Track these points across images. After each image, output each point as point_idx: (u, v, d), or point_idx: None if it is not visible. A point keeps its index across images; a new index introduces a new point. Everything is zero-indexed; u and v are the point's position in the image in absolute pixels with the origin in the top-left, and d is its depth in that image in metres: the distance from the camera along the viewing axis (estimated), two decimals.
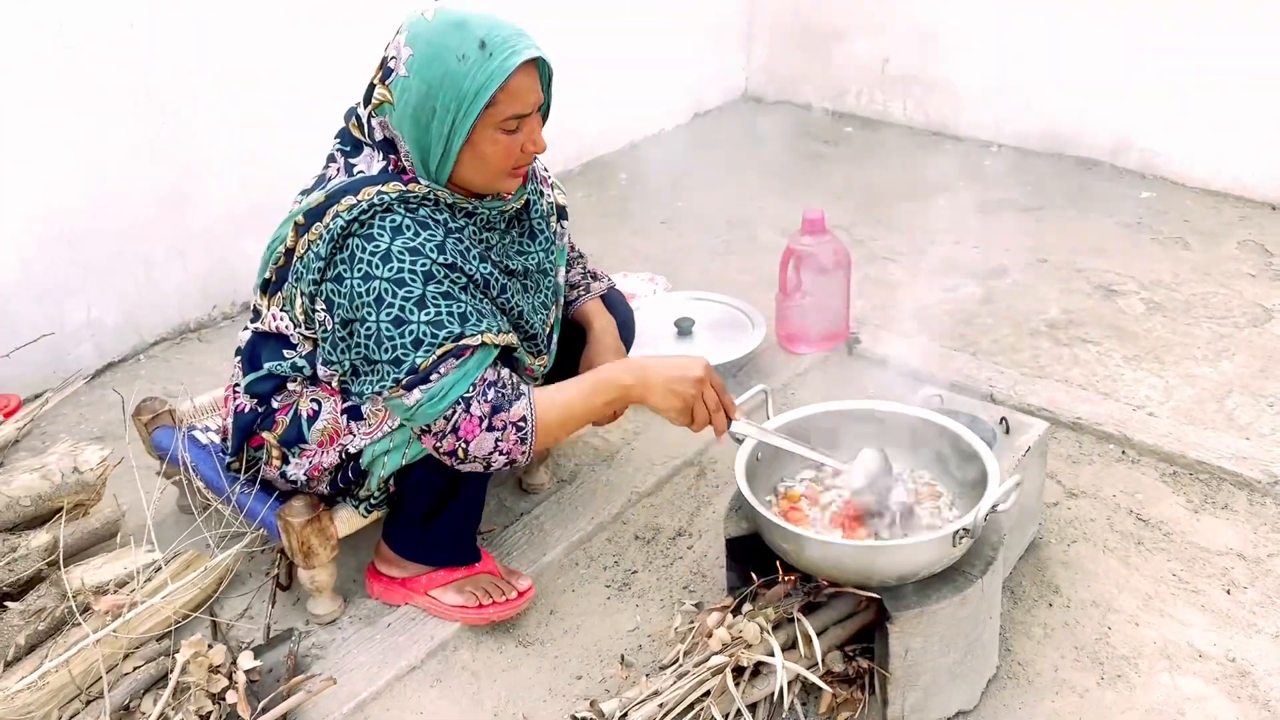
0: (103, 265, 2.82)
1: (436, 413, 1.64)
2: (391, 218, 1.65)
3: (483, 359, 1.66)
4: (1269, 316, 2.90)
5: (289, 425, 1.83)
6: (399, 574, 1.99)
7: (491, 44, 1.61)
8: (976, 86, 4.10)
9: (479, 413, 1.65)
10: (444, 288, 1.64)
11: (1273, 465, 2.28)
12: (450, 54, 1.61)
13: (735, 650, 1.66)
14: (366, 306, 1.63)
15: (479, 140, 1.66)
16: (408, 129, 1.67)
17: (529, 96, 1.66)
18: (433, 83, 1.62)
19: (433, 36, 1.62)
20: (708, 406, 1.71)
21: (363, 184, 1.69)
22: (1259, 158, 3.51)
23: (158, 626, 1.90)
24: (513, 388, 1.69)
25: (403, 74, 1.65)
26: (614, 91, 4.21)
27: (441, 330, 1.62)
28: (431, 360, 1.62)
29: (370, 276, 1.62)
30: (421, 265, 1.63)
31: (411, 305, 1.62)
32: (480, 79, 1.60)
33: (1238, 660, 1.87)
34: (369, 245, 1.63)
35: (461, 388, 1.64)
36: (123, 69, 2.72)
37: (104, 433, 2.62)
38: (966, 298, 3.08)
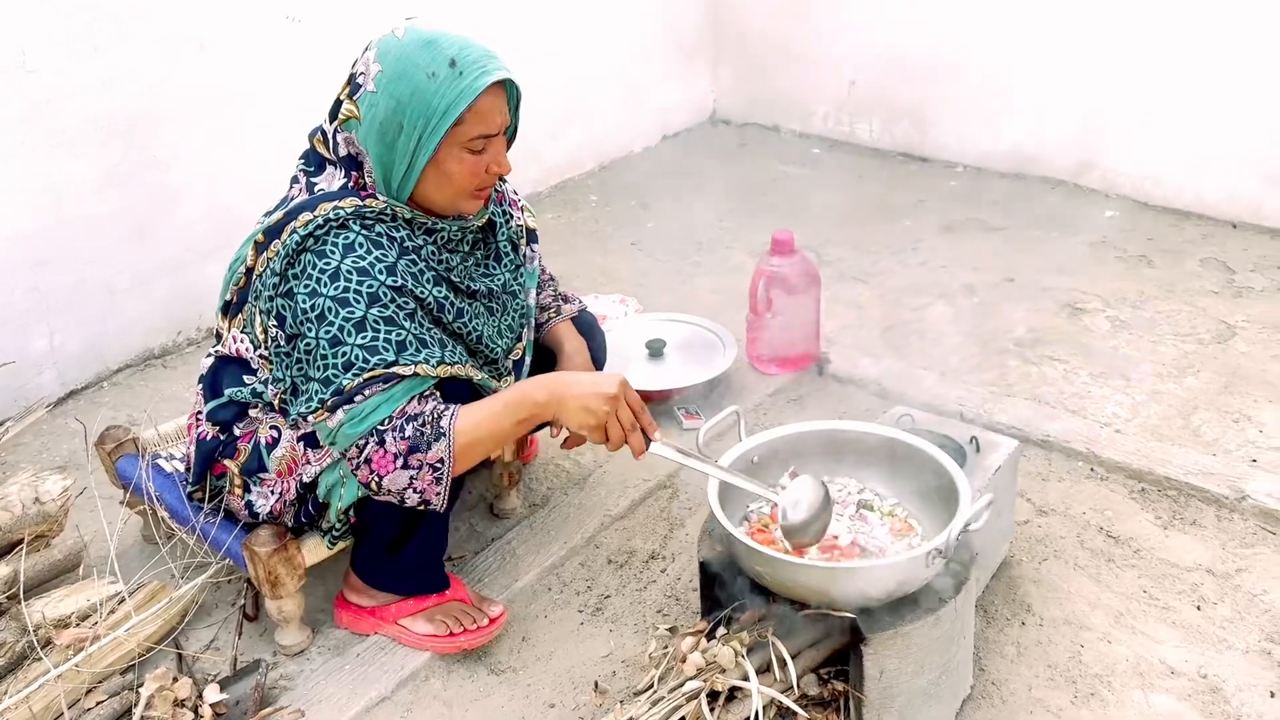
0: (65, 292, 2.78)
1: (354, 435, 1.62)
2: (345, 234, 1.64)
3: (411, 387, 1.64)
4: (1232, 333, 2.94)
5: (250, 453, 1.81)
6: (368, 603, 1.97)
7: (462, 63, 1.61)
8: (941, 108, 4.15)
9: (394, 449, 1.62)
10: (387, 312, 1.63)
11: (1239, 481, 2.30)
12: (420, 71, 1.61)
13: (710, 675, 1.65)
14: (309, 322, 1.62)
15: (444, 158, 1.66)
16: (373, 144, 1.67)
17: (496, 118, 1.67)
18: (401, 99, 1.62)
19: (403, 53, 1.62)
20: (623, 425, 1.65)
21: (320, 200, 1.68)
22: (1220, 176, 3.57)
23: (121, 660, 1.86)
24: (433, 425, 1.64)
25: (371, 89, 1.64)
26: (583, 114, 4.23)
27: (374, 356, 1.61)
28: (357, 384, 1.60)
29: (316, 293, 1.62)
30: (368, 286, 1.62)
31: (350, 327, 1.60)
32: (450, 97, 1.60)
33: (1209, 677, 1.88)
34: (320, 261, 1.63)
35: (384, 412, 1.61)
36: (86, 94, 2.69)
37: (67, 462, 2.57)
38: (935, 317, 3.10)
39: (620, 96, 4.36)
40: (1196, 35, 3.49)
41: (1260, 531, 2.21)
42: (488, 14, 3.66)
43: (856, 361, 2.84)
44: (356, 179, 1.72)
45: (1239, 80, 3.44)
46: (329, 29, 3.17)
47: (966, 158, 4.16)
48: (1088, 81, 3.76)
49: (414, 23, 1.68)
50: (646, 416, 1.70)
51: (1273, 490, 2.27)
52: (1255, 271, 3.27)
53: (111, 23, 2.69)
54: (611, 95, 4.32)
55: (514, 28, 3.77)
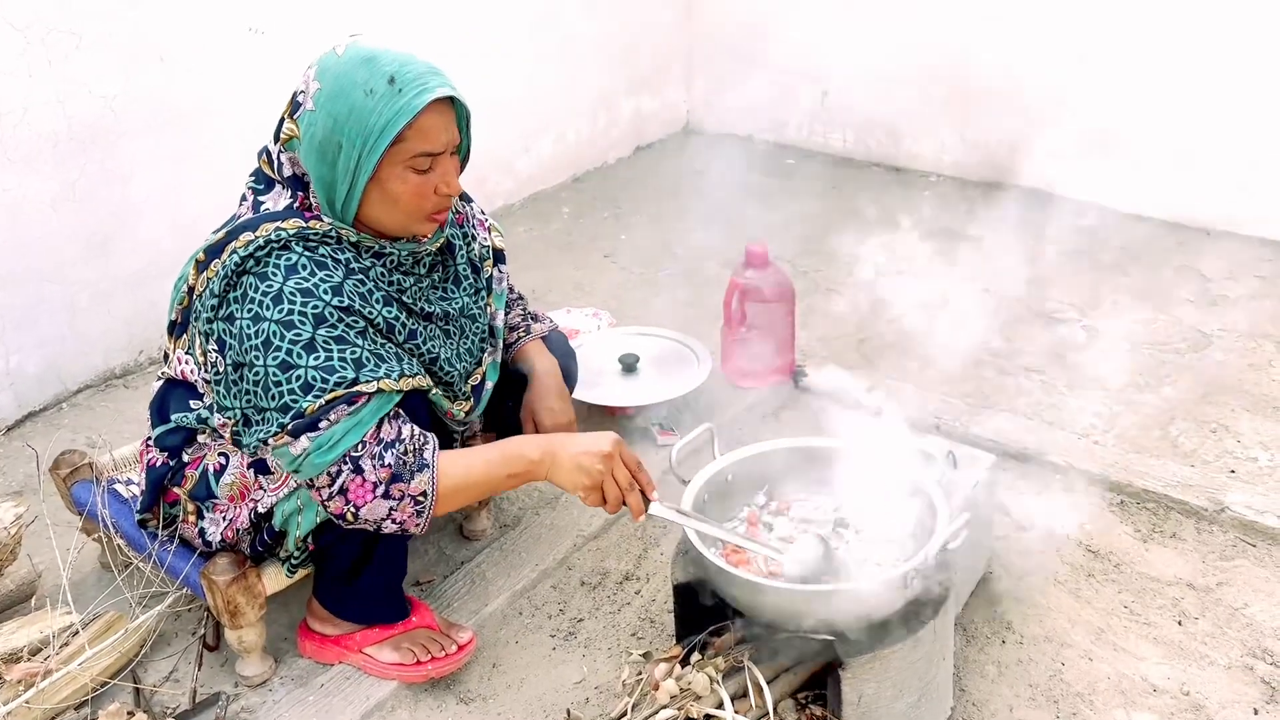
0: (23, 311, 2.71)
1: (324, 463, 1.56)
2: (288, 256, 1.59)
3: (378, 407, 1.58)
4: (1208, 342, 2.93)
5: (198, 480, 1.75)
6: (332, 631, 1.91)
7: (401, 80, 1.56)
8: (914, 118, 4.14)
9: (373, 478, 1.57)
10: (336, 332, 1.57)
11: (1218, 492, 2.28)
12: (358, 88, 1.56)
13: (684, 702, 1.61)
14: (255, 350, 1.56)
15: (386, 178, 1.61)
16: (314, 164, 1.62)
17: (440, 136, 1.61)
18: (339, 117, 1.57)
19: (341, 71, 1.58)
20: (619, 484, 1.62)
21: (262, 220, 1.63)
22: (1193, 185, 3.57)
23: (75, 694, 1.80)
24: (415, 454, 1.60)
25: (310, 108, 1.60)
26: (555, 125, 4.19)
27: (333, 375, 1.55)
28: (320, 404, 1.54)
29: (260, 318, 1.56)
30: (313, 308, 1.56)
31: (300, 349, 1.54)
32: (387, 115, 1.56)
33: (1192, 694, 1.85)
34: (261, 284, 1.57)
35: (354, 438, 1.56)
36: (42, 107, 2.62)
37: (23, 487, 2.50)
38: (910, 329, 3.07)
39: (593, 108, 4.32)
40: (1170, 44, 3.49)
41: (1240, 544, 2.19)
42: (456, 26, 3.62)
43: (832, 374, 2.81)
44: (302, 200, 1.67)
45: (1212, 88, 3.44)
46: (292, 41, 3.11)
47: (940, 167, 4.15)
48: (1060, 89, 3.75)
49: (357, 40, 1.63)
50: (645, 475, 1.67)
51: (1252, 502, 2.25)
52: (1230, 279, 3.26)
53: (68, 35, 2.63)
54: (584, 106, 4.28)
55: (484, 39, 3.73)
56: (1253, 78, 3.37)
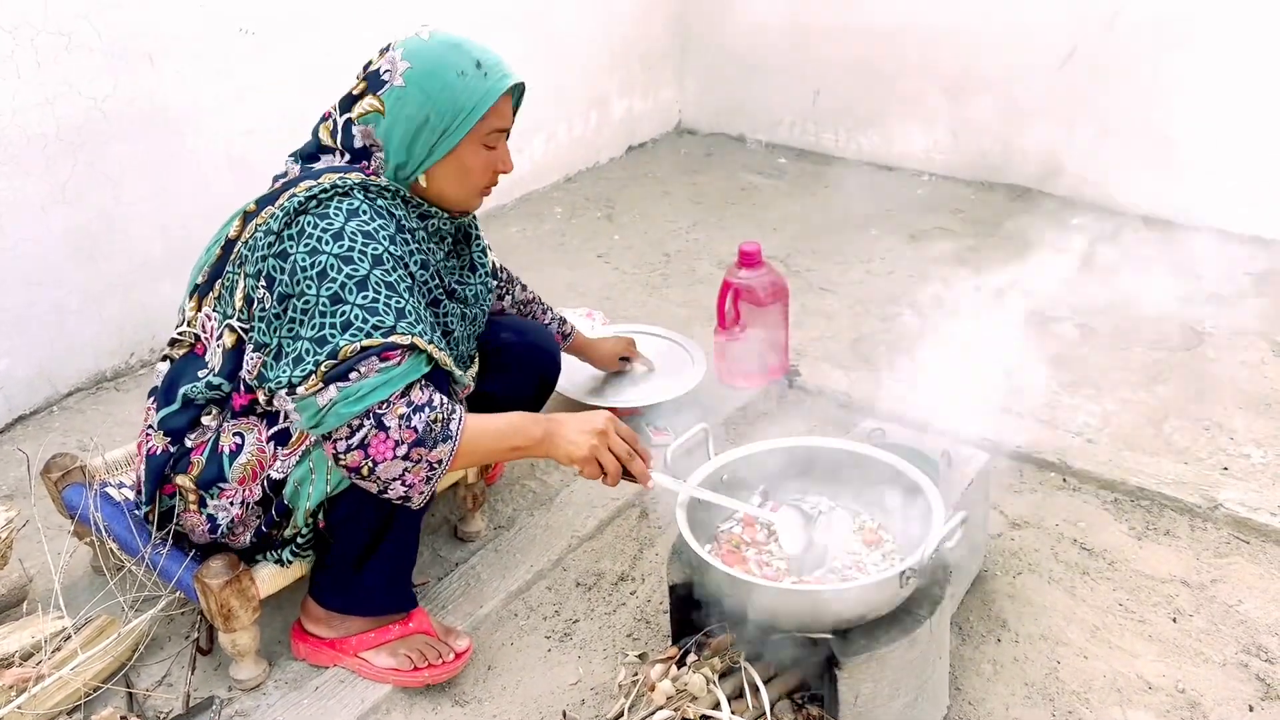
0: (11, 314, 2.69)
1: (349, 414, 1.55)
2: (350, 201, 1.65)
3: (411, 368, 1.60)
4: (1201, 340, 2.94)
5: (206, 465, 1.74)
6: (327, 634, 1.90)
7: (486, 65, 1.73)
8: (906, 118, 4.14)
9: (397, 436, 1.57)
10: (390, 278, 1.62)
11: (1212, 490, 2.29)
12: (450, 70, 1.70)
13: (681, 703, 1.60)
14: (309, 280, 1.59)
15: (465, 153, 1.74)
16: (397, 135, 1.71)
17: (509, 116, 1.79)
18: (432, 94, 1.69)
19: (432, 53, 1.71)
20: (618, 455, 1.68)
21: (324, 171, 1.71)
22: (1187, 182, 3.57)
23: (68, 699, 1.79)
24: (443, 424, 1.61)
25: (399, 84, 1.70)
26: (548, 125, 4.18)
27: (374, 317, 1.57)
28: (356, 348, 1.55)
29: (317, 251, 1.60)
30: (373, 249, 1.62)
31: (353, 285, 1.58)
32: (478, 95, 1.70)
33: (1187, 691, 1.85)
34: (321, 222, 1.62)
35: (382, 393, 1.56)
36: (30, 109, 2.60)
37: (14, 491, 2.48)
38: (903, 328, 3.07)
39: (585, 108, 4.32)
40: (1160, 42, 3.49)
41: (1234, 541, 2.19)
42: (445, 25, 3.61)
43: (826, 374, 2.81)
44: (364, 167, 1.75)
45: (1204, 85, 3.45)
46: (282, 41, 3.10)
47: (932, 166, 4.16)
48: (1053, 89, 3.76)
49: (435, 28, 1.79)
50: (642, 447, 1.72)
51: (1245, 499, 2.25)
52: (1223, 277, 3.27)
53: (57, 36, 2.61)
54: (576, 106, 4.28)
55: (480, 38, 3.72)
56: (1239, 72, 3.38)
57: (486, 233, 3.18)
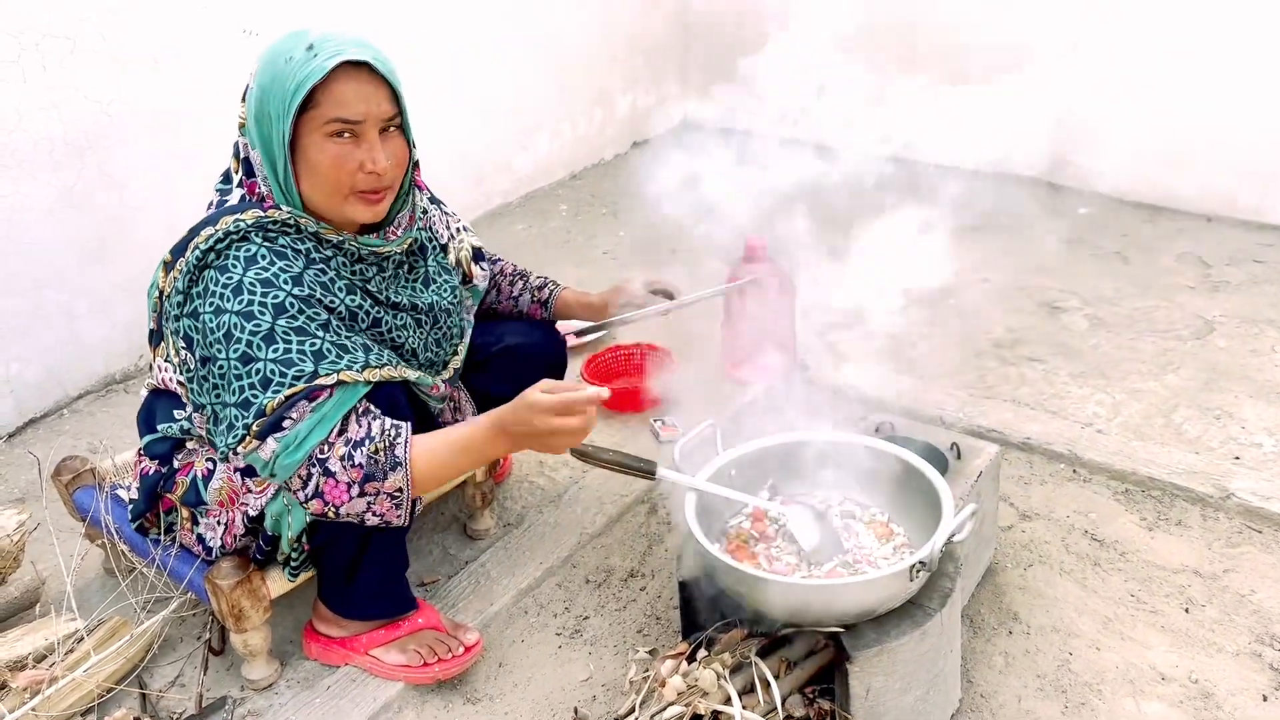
0: (22, 318, 2.70)
1: (294, 463, 1.54)
2: (247, 247, 1.58)
3: (341, 401, 1.56)
4: (1211, 328, 2.92)
5: (189, 487, 1.75)
6: (338, 633, 1.90)
7: (319, 46, 1.57)
8: (913, 109, 4.12)
9: (345, 479, 1.56)
10: (297, 322, 1.56)
11: (1223, 479, 2.28)
12: (280, 57, 1.59)
13: (691, 699, 1.60)
14: (217, 343, 1.55)
15: (306, 146, 1.60)
16: (253, 140, 1.64)
17: (356, 104, 1.58)
18: (264, 87, 1.59)
19: (272, 45, 1.62)
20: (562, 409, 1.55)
21: (221, 214, 1.63)
22: (1193, 171, 3.56)
23: (81, 701, 1.80)
24: (387, 451, 1.58)
25: (251, 86, 1.63)
26: (552, 123, 4.18)
27: (291, 369, 1.53)
28: (279, 401, 1.52)
29: (221, 310, 1.55)
30: (273, 297, 1.55)
31: (259, 340, 1.53)
32: (299, 76, 1.56)
33: (1200, 681, 1.84)
34: (221, 277, 1.56)
35: (319, 434, 1.54)
36: (37, 113, 2.61)
37: (25, 494, 2.50)
38: (911, 320, 3.06)
39: (590, 104, 4.31)
40: (1167, 29, 3.48)
41: (1246, 530, 2.18)
42: (449, 24, 3.61)
43: (834, 367, 2.80)
44: (253, 186, 1.67)
45: (1212, 74, 3.43)
46: None
47: (940, 157, 4.13)
48: (1055, 76, 3.74)
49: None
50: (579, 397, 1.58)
51: (1257, 488, 2.24)
52: (1231, 265, 3.25)
53: (62, 40, 2.62)
54: (581, 103, 4.27)
55: (477, 37, 3.72)
56: (1249, 61, 3.36)
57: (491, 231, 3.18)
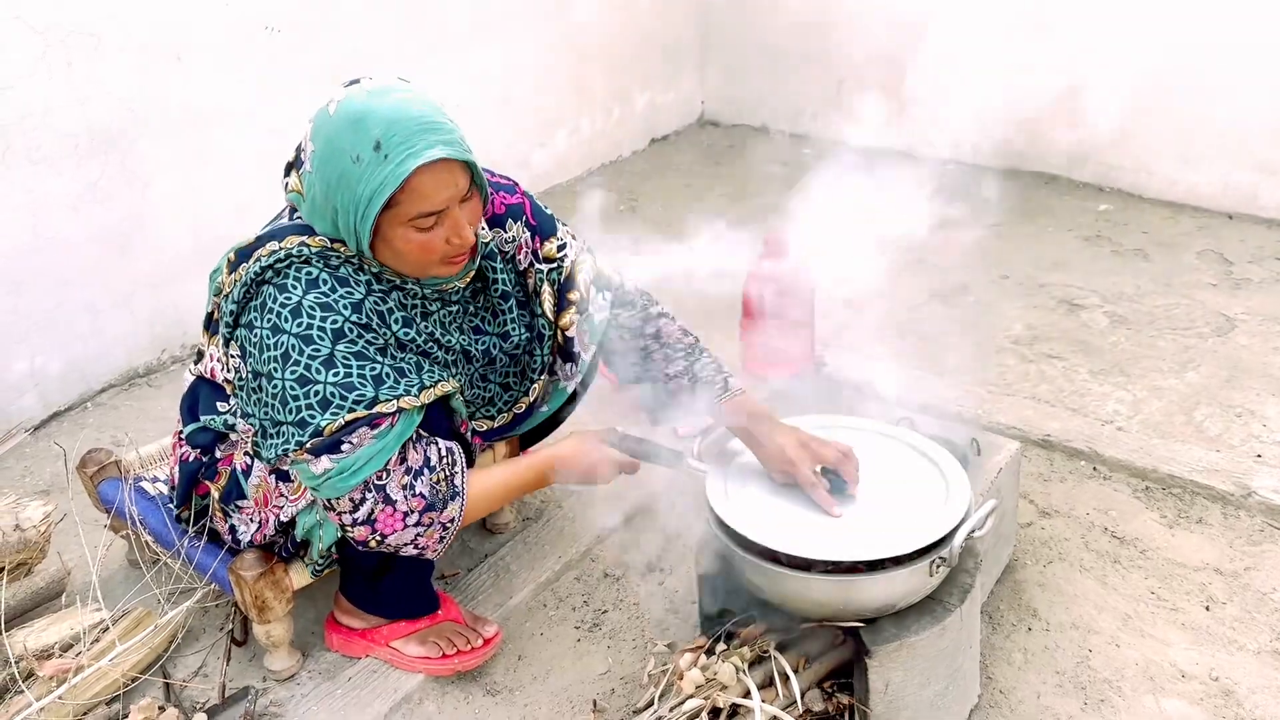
0: (46, 313, 2.73)
1: (346, 488, 1.54)
2: (308, 270, 1.57)
3: (402, 431, 1.56)
4: (1232, 326, 2.90)
5: (229, 478, 1.76)
6: (359, 625, 1.91)
7: (388, 145, 1.49)
8: (929, 105, 4.11)
9: (404, 508, 1.57)
10: (356, 347, 1.54)
11: (1245, 477, 2.27)
12: (345, 155, 1.51)
13: (710, 692, 1.60)
14: (274, 362, 1.53)
15: (390, 238, 1.56)
16: (318, 222, 1.60)
17: (438, 194, 1.53)
18: (330, 183, 1.54)
19: (331, 134, 1.53)
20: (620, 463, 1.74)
21: (290, 231, 1.61)
22: (1214, 167, 3.54)
23: (106, 689, 1.81)
24: (448, 481, 1.60)
25: (308, 169, 1.58)
26: (570, 119, 4.19)
27: (352, 393, 1.52)
28: (339, 424, 1.51)
29: (279, 330, 1.54)
30: (332, 323, 1.54)
31: (319, 365, 1.52)
32: (374, 183, 1.50)
33: (1221, 679, 1.83)
34: (280, 295, 1.55)
35: (377, 464, 1.54)
36: (62, 110, 2.64)
37: (50, 486, 2.52)
38: (930, 316, 3.06)
39: (607, 101, 4.32)
40: (1188, 27, 3.45)
41: (1268, 528, 2.17)
42: (468, 22, 3.62)
43: (852, 364, 2.79)
44: None
45: (1231, 70, 3.41)
46: (308, 40, 3.12)
47: (958, 154, 4.12)
48: (1079, 75, 3.72)
49: (353, 93, 1.55)
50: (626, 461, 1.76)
51: (1279, 486, 2.23)
52: (1253, 263, 3.23)
53: (87, 37, 2.64)
54: (598, 100, 4.28)
55: (497, 34, 3.73)
56: (1272, 58, 3.34)
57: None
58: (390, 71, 1.67)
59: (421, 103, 1.54)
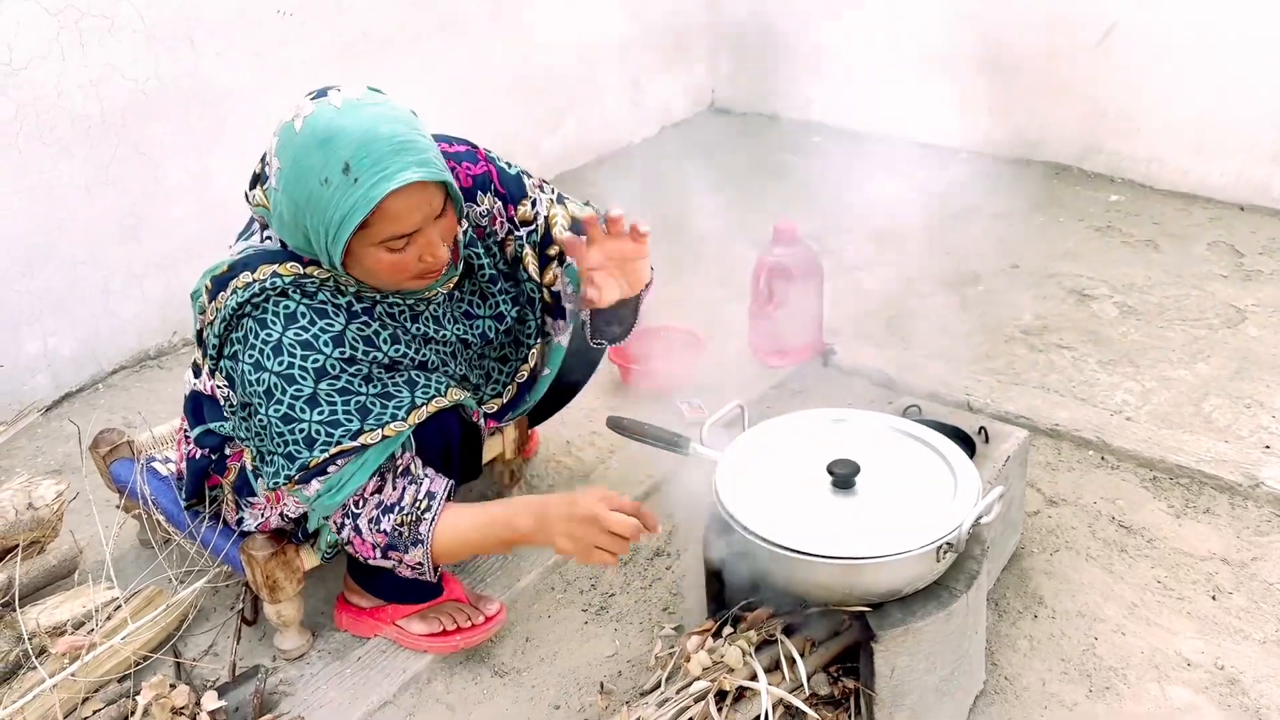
0: (58, 294, 2.74)
1: (334, 505, 1.59)
2: (285, 304, 1.54)
3: (383, 448, 1.58)
4: (1242, 317, 2.90)
5: (239, 474, 1.77)
6: (366, 604, 1.93)
7: (358, 167, 1.43)
8: (940, 94, 4.10)
9: (370, 540, 1.61)
10: (339, 383, 1.54)
11: (1253, 468, 2.26)
12: (313, 176, 1.45)
13: (717, 675, 1.61)
14: (258, 398, 1.54)
15: (361, 257, 1.52)
16: (288, 238, 1.57)
17: (412, 216, 1.48)
18: (299, 204, 1.49)
19: (298, 153, 1.46)
20: (620, 533, 1.56)
21: (261, 259, 1.57)
22: (1227, 158, 3.52)
23: (118, 667, 1.83)
24: (411, 527, 1.60)
25: (275, 186, 1.52)
26: (580, 106, 4.18)
27: (337, 430, 1.53)
28: (323, 459, 1.54)
29: (260, 367, 1.53)
30: (314, 361, 1.52)
31: (302, 404, 1.52)
32: (343, 208, 1.45)
33: (1226, 668, 1.84)
34: (261, 331, 1.53)
35: (360, 479, 1.57)
36: (75, 92, 2.65)
37: (62, 466, 2.54)
38: (940, 306, 3.06)
39: (618, 87, 4.31)
40: (1201, 14, 3.44)
41: (1275, 519, 2.17)
42: (482, 5, 3.61)
43: (861, 352, 2.80)
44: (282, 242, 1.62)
45: (1244, 60, 3.39)
46: (320, 22, 3.12)
47: (969, 143, 4.11)
48: (1090, 63, 3.71)
49: (321, 107, 1.47)
50: (647, 514, 1.61)
51: None
52: (1264, 254, 3.22)
53: (99, 19, 2.65)
54: (609, 86, 4.27)
55: (508, 18, 3.73)
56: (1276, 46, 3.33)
57: None
58: (360, 81, 1.61)
59: (393, 119, 1.47)
